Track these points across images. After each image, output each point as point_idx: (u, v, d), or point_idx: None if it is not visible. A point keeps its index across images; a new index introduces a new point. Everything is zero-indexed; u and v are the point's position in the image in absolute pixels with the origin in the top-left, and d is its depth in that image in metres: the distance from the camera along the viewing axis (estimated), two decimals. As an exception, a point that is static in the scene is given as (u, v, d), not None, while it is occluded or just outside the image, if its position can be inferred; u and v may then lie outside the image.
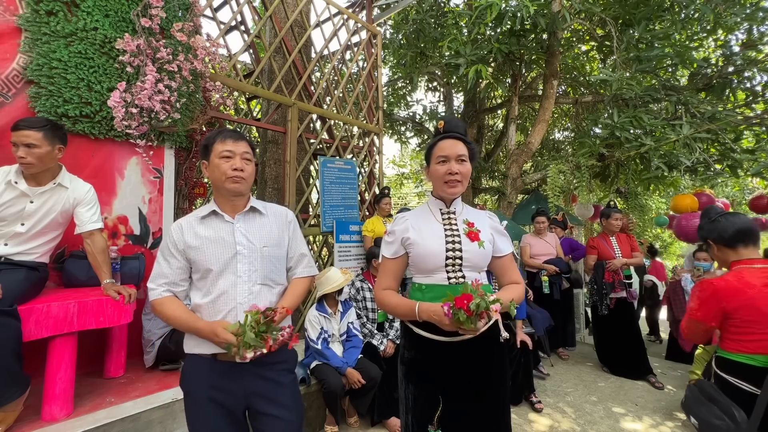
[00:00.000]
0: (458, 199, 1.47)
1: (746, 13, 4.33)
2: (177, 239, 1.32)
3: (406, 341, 1.45)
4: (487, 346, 1.37)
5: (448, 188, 1.38)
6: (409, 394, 1.41)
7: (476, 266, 1.37)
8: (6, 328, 1.61)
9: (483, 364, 1.36)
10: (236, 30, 4.55)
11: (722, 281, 1.81)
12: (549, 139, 8.58)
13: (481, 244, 1.36)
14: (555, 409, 3.06)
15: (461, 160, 1.37)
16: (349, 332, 2.78)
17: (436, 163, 1.39)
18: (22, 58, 2.19)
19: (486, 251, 1.37)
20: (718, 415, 1.80)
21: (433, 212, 1.46)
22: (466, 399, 1.35)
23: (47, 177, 1.92)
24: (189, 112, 2.77)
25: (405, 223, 1.44)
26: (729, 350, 1.85)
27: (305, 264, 1.50)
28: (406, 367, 1.44)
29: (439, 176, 1.38)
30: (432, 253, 1.35)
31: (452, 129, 1.41)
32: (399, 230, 1.43)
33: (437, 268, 1.35)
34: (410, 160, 14.61)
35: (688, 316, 1.98)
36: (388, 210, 4.01)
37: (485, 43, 4.79)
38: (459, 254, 1.34)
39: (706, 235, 1.99)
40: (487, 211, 1.51)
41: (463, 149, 1.38)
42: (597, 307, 3.83)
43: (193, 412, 1.30)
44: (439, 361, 1.35)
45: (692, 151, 4.16)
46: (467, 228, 1.39)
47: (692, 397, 2.02)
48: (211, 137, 1.35)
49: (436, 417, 1.34)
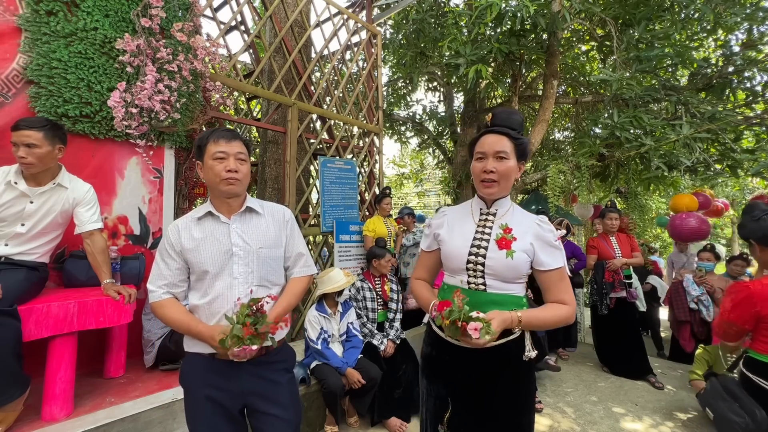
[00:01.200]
0: (505, 199, 1.36)
1: (746, 13, 4.32)
2: (174, 240, 1.32)
3: (427, 336, 1.45)
4: (503, 360, 1.26)
5: (483, 188, 1.30)
6: (423, 389, 1.42)
7: (500, 275, 1.25)
8: (6, 328, 1.61)
9: (491, 377, 1.26)
10: (236, 30, 4.55)
11: (759, 285, 1.76)
12: (549, 139, 8.57)
13: (510, 253, 1.24)
14: (555, 409, 3.06)
15: (500, 157, 1.25)
16: (349, 332, 2.78)
17: (474, 160, 1.32)
18: (22, 58, 2.19)
19: (515, 262, 1.24)
20: (737, 412, 1.80)
21: (472, 212, 1.39)
22: (474, 410, 1.28)
23: (47, 177, 1.91)
24: (189, 112, 2.77)
25: (443, 218, 1.43)
26: (760, 351, 1.82)
27: (302, 263, 1.49)
28: (423, 362, 1.45)
29: (476, 174, 1.31)
30: (455, 255, 1.31)
31: (500, 123, 1.30)
32: (435, 224, 1.44)
33: (459, 270, 1.31)
34: (410, 160, 14.60)
35: (721, 316, 1.93)
36: (389, 210, 4.01)
37: (485, 43, 4.79)
38: (482, 260, 1.26)
39: (750, 234, 1.86)
40: (540, 217, 1.34)
41: (505, 145, 1.26)
42: (597, 307, 3.84)
43: (192, 410, 1.30)
44: (450, 363, 1.32)
45: (692, 151, 4.15)
46: (501, 233, 1.28)
47: (712, 391, 2.01)
48: (204, 137, 1.33)
49: (446, 418, 1.31)
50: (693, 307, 3.93)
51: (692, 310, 3.95)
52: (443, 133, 8.47)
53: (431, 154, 10.92)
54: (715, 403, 1.93)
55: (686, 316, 3.99)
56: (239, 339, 1.13)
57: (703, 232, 4.72)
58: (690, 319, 3.99)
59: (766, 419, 1.71)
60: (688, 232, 4.74)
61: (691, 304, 3.94)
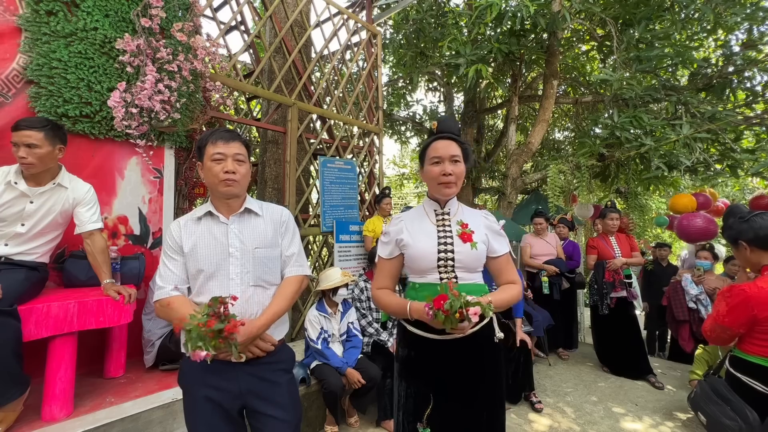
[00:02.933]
0: (453, 199, 1.47)
1: (746, 13, 4.32)
2: (176, 237, 1.33)
3: (401, 339, 1.47)
4: (480, 345, 1.37)
5: (442, 189, 1.38)
6: (401, 392, 1.43)
7: (469, 267, 1.37)
8: (6, 328, 1.61)
9: (475, 363, 1.36)
10: (236, 30, 4.55)
11: (755, 288, 1.74)
12: (549, 139, 8.58)
13: (474, 245, 1.36)
14: (555, 409, 3.06)
15: (455, 160, 1.36)
16: (349, 332, 2.78)
17: (429, 164, 1.39)
18: (22, 58, 2.19)
19: (479, 252, 1.36)
20: (730, 416, 1.78)
21: (427, 213, 1.47)
22: (458, 398, 1.35)
23: (47, 177, 1.91)
24: (189, 112, 2.77)
25: (400, 224, 1.46)
26: (748, 352, 1.81)
27: (294, 263, 1.46)
28: (400, 365, 1.46)
29: (433, 177, 1.38)
30: (424, 255, 1.36)
31: (445, 129, 1.41)
32: (394, 231, 1.46)
33: (430, 269, 1.36)
34: (410, 161, 14.60)
35: (713, 320, 1.91)
36: (389, 210, 4.02)
37: (485, 43, 4.79)
38: (451, 255, 1.35)
39: (737, 235, 1.86)
40: (483, 211, 1.51)
41: (457, 149, 1.37)
42: (597, 307, 3.84)
43: (190, 410, 1.30)
44: (432, 359, 1.36)
45: (692, 151, 4.15)
46: (460, 229, 1.39)
47: (702, 395, 1.98)
48: (204, 138, 1.34)
49: (426, 415, 1.34)
50: (692, 306, 3.93)
51: (691, 309, 3.95)
52: (443, 133, 8.46)
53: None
54: (706, 407, 1.92)
55: (685, 316, 3.99)
56: (199, 339, 1.07)
57: (710, 232, 4.70)
58: (689, 318, 3.99)
59: (758, 421, 1.70)
60: (695, 232, 4.73)
61: (690, 304, 3.94)
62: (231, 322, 1.12)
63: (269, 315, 1.32)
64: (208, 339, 1.08)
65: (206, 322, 1.09)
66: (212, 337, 1.08)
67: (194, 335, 1.08)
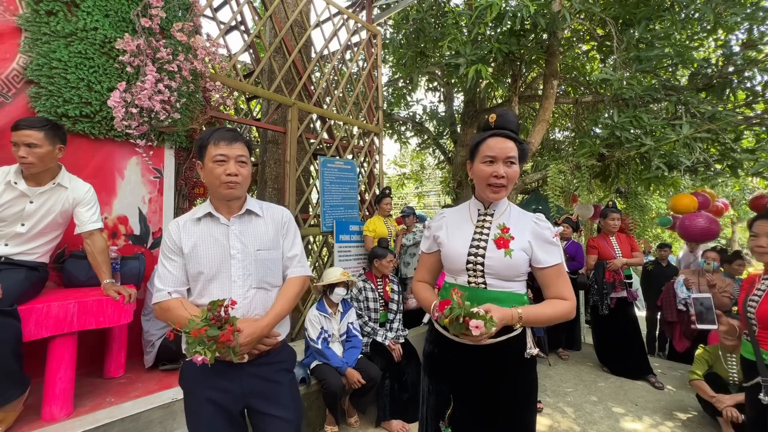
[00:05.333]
0: (503, 200, 1.36)
1: (746, 13, 4.32)
2: (176, 238, 1.31)
3: (429, 335, 1.46)
4: (505, 358, 1.27)
5: (491, 192, 1.28)
6: (425, 387, 1.43)
7: (500, 274, 1.26)
8: (6, 328, 1.61)
9: (495, 375, 1.26)
10: (236, 30, 4.55)
11: None
12: (549, 139, 8.57)
13: (509, 252, 1.24)
14: (555, 409, 3.06)
15: (510, 162, 1.25)
16: (349, 332, 2.78)
17: (481, 162, 1.28)
18: (22, 58, 2.19)
19: (514, 261, 1.24)
20: None
21: (470, 212, 1.40)
22: (475, 408, 1.28)
23: (47, 177, 1.91)
24: (189, 112, 2.77)
25: (441, 220, 1.45)
26: None
27: (296, 263, 1.46)
28: (425, 360, 1.46)
29: (484, 177, 1.27)
30: (454, 256, 1.32)
31: (504, 125, 1.28)
32: (434, 227, 1.45)
33: (459, 270, 1.32)
34: (410, 161, 14.60)
35: None
36: (389, 210, 4.01)
37: (485, 43, 4.79)
38: (481, 260, 1.27)
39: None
40: (537, 215, 1.34)
41: (514, 150, 1.25)
42: (597, 307, 3.84)
43: (192, 412, 1.29)
44: (452, 360, 1.33)
45: (692, 151, 4.15)
46: (499, 233, 1.28)
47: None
48: (205, 137, 1.31)
49: (447, 415, 1.32)
50: (681, 308, 4.02)
51: (680, 311, 4.07)
52: (443, 133, 8.47)
53: (431, 154, 10.91)
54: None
55: (674, 317, 4.14)
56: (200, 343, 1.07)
57: (712, 231, 4.70)
58: (678, 320, 4.14)
59: None
60: (697, 232, 4.73)
61: (679, 306, 4.03)
62: (228, 329, 1.11)
63: (273, 316, 1.32)
64: (206, 344, 1.08)
65: (201, 328, 1.09)
66: (210, 343, 1.08)
67: (192, 340, 1.08)
